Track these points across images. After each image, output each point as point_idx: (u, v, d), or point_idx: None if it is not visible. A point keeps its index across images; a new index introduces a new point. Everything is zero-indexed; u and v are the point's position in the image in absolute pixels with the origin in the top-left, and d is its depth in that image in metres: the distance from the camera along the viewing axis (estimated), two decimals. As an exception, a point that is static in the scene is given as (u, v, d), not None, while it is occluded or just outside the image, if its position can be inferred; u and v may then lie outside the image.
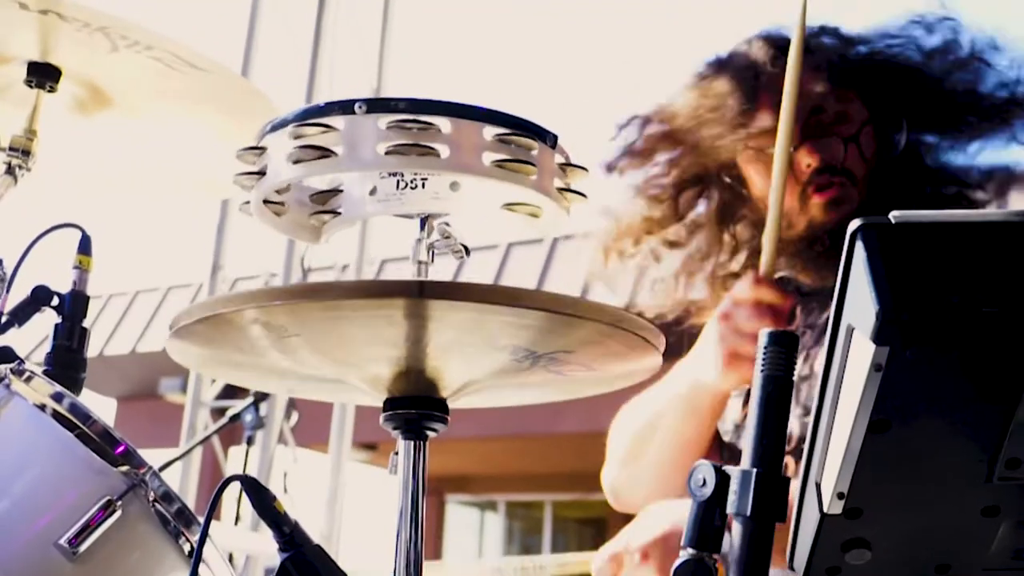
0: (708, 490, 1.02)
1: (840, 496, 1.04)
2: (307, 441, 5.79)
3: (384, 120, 1.14)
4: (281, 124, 1.18)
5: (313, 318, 1.08)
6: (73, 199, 1.93)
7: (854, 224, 0.97)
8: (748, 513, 1.00)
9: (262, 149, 1.20)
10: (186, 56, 1.48)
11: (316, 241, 1.26)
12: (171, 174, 1.81)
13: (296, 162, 1.15)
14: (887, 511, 1.07)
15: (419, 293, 1.03)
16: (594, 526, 14.72)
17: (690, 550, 1.02)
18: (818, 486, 1.06)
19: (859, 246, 0.96)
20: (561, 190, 1.22)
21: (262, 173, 1.19)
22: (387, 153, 1.14)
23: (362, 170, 1.17)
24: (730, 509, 1.01)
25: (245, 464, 3.83)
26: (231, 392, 4.87)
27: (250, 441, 3.60)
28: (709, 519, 1.02)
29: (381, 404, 1.25)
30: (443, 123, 1.14)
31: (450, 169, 1.15)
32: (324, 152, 1.14)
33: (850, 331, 0.99)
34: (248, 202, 1.23)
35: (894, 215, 0.97)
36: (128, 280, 12.81)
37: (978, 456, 1.03)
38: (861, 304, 0.96)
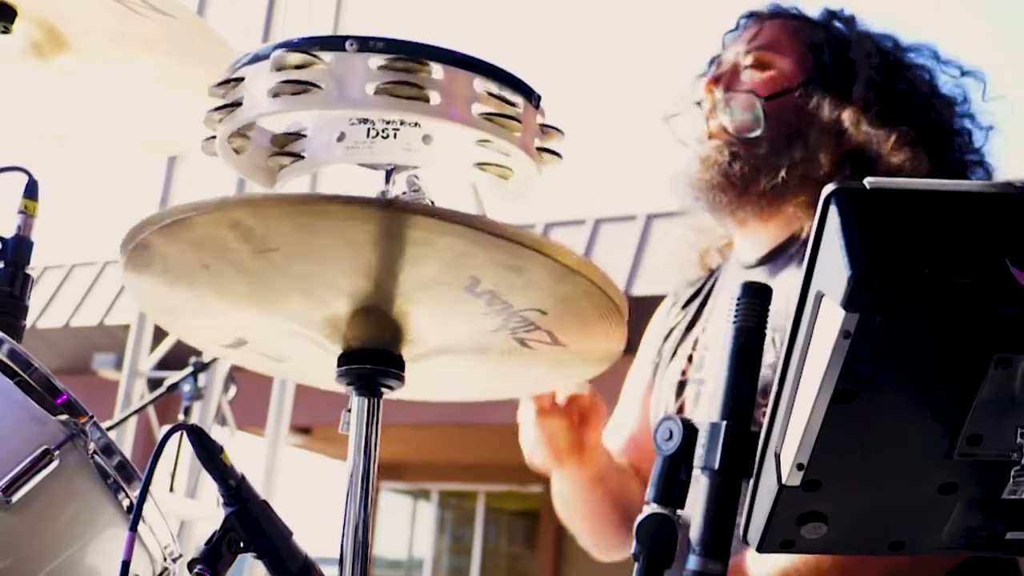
0: (674, 444, 1.00)
1: (800, 467, 1.03)
2: (243, 424, 5.74)
3: (375, 60, 1.11)
4: (262, 56, 1.14)
5: (282, 227, 1.05)
6: (18, 150, 1.87)
7: (828, 188, 0.96)
8: (716, 467, 0.98)
9: (238, 80, 1.16)
10: (149, -2, 1.43)
11: (271, 185, 1.23)
12: (122, 126, 1.76)
13: (276, 95, 1.12)
14: (845, 484, 1.07)
15: (389, 206, 1.01)
16: (527, 518, 14.74)
17: (654, 505, 1.00)
18: (777, 457, 1.05)
19: (833, 210, 0.95)
20: (540, 150, 1.20)
21: (236, 105, 1.15)
22: (376, 93, 1.11)
23: (349, 108, 1.14)
24: (697, 463, 1.00)
25: (180, 441, 3.76)
26: (169, 363, 4.79)
27: (187, 412, 3.54)
28: (675, 474, 1.00)
29: (336, 361, 1.22)
30: (435, 69, 1.12)
31: (440, 116, 1.12)
32: (308, 87, 1.11)
33: (819, 298, 0.98)
34: (212, 138, 1.19)
35: (869, 181, 0.96)
36: (64, 253, 12.61)
37: (940, 431, 1.03)
38: (832, 269, 0.94)
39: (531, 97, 1.18)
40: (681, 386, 2.04)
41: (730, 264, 2.14)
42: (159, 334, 5.14)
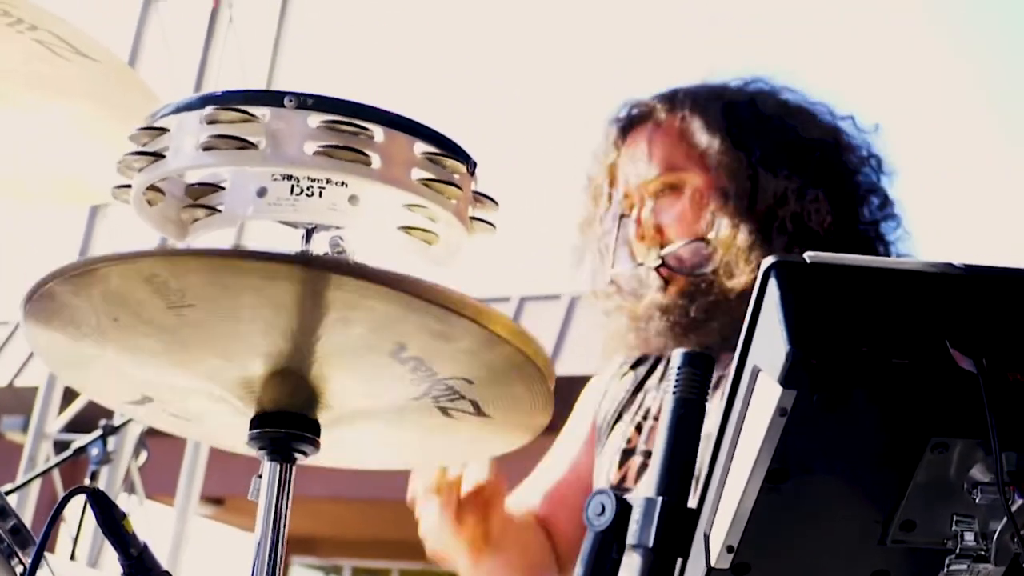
0: (606, 520, 0.96)
1: (729, 550, 1.00)
2: (152, 492, 5.57)
3: (314, 118, 1.08)
4: (192, 105, 1.09)
5: (199, 282, 1.00)
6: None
7: (768, 261, 0.93)
8: (650, 545, 0.94)
9: (162, 130, 1.11)
10: (74, 41, 1.37)
11: (182, 239, 1.17)
12: (38, 174, 1.69)
13: (208, 149, 1.07)
14: (776, 569, 1.03)
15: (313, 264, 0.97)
16: (439, 598, 14.50)
17: (584, 585, 0.96)
18: (707, 538, 1.02)
19: (772, 284, 0.93)
20: (473, 219, 1.17)
21: (158, 156, 1.10)
22: (316, 153, 1.07)
23: (286, 168, 1.10)
24: (630, 540, 0.95)
25: (84, 507, 3.62)
26: (78, 426, 4.65)
27: (93, 477, 3.40)
28: (606, 552, 0.95)
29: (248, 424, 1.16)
30: (376, 132, 1.09)
31: (380, 180, 1.09)
32: (243, 143, 1.06)
33: (755, 373, 0.95)
34: (127, 186, 1.14)
35: (809, 255, 0.94)
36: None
37: (873, 516, 1.00)
38: (770, 344, 0.92)
39: (468, 163, 1.15)
40: (626, 454, 1.99)
41: None
42: (69, 395, 4.99)
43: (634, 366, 2.13)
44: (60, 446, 4.45)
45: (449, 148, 1.13)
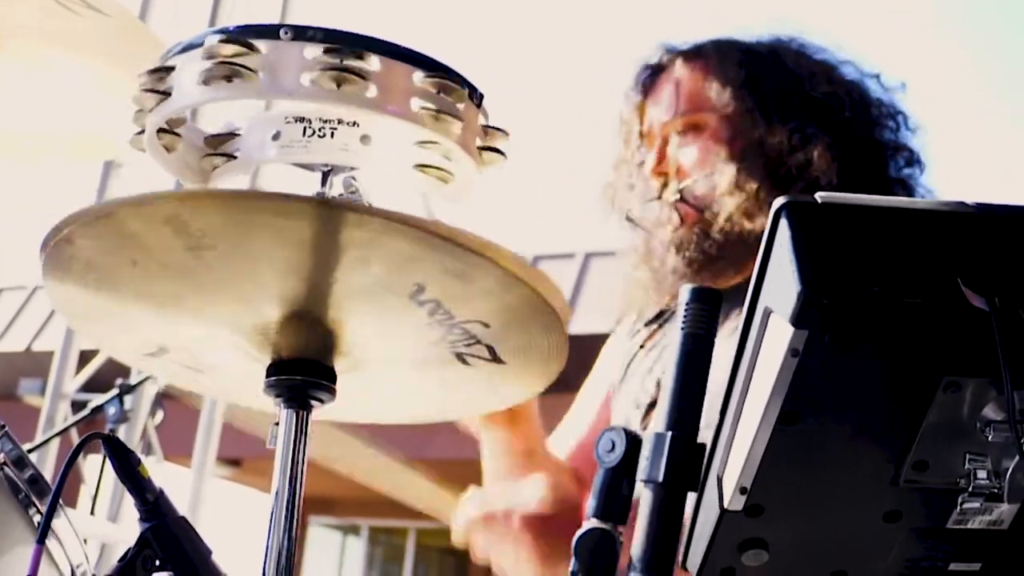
0: (616, 456, 0.96)
1: (743, 491, 1.00)
2: (169, 454, 5.61)
3: (311, 50, 1.08)
4: (195, 44, 1.10)
5: (218, 222, 1.01)
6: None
7: (779, 201, 0.93)
8: (660, 479, 0.94)
9: (169, 69, 1.12)
10: (86, -5, 1.38)
11: (203, 185, 1.18)
12: (54, 130, 1.69)
13: (206, 83, 1.08)
14: (789, 510, 1.04)
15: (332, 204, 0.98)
16: (457, 556, 14.61)
17: (595, 520, 0.96)
18: (720, 480, 1.02)
19: (783, 224, 0.93)
20: (481, 149, 1.17)
21: (165, 95, 1.11)
22: (311, 83, 1.07)
23: (282, 97, 1.11)
24: (640, 475, 0.96)
25: (103, 463, 3.66)
26: (95, 387, 4.68)
27: (111, 436, 3.43)
28: (616, 488, 0.96)
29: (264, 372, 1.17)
30: (372, 61, 1.09)
31: (376, 109, 1.09)
32: (239, 73, 1.07)
33: (767, 315, 0.95)
34: (142, 131, 1.14)
35: (820, 196, 0.94)
36: (-8, 277, 12.35)
37: (886, 456, 1.00)
38: (782, 285, 0.92)
39: (473, 94, 1.15)
40: (649, 408, 2.01)
41: None
42: (86, 356, 5.03)
43: (648, 324, 2.15)
44: (77, 406, 4.48)
45: (449, 77, 1.13)
